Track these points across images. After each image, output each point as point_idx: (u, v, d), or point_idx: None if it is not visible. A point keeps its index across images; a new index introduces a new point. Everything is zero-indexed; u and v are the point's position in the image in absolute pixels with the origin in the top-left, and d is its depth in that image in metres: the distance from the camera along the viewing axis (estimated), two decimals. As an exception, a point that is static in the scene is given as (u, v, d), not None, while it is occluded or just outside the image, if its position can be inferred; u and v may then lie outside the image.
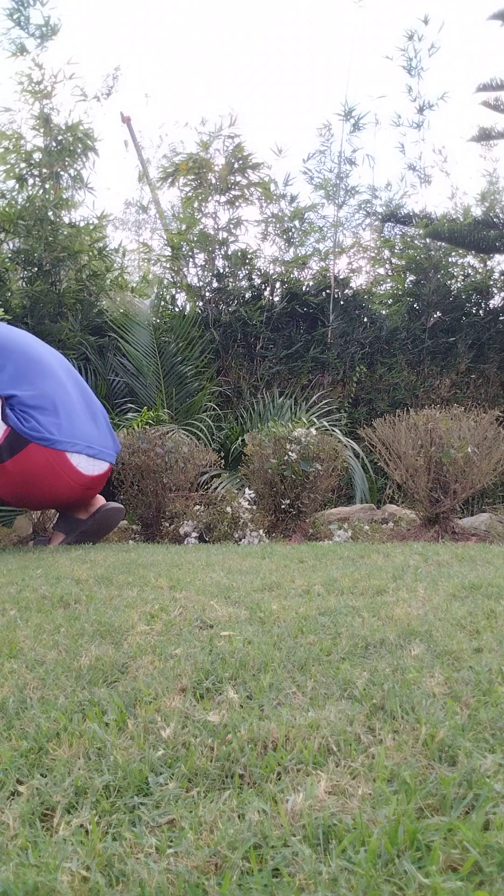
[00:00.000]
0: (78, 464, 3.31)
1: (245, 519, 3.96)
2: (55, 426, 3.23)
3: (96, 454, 3.40)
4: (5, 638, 1.44)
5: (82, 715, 1.01)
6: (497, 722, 0.95)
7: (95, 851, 0.68)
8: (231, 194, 6.86)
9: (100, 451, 3.44)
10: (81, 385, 3.63)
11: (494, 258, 7.13)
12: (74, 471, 3.30)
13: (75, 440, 3.30)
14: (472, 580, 1.97)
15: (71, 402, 3.40)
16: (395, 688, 1.07)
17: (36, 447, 3.16)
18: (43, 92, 6.42)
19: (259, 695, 1.07)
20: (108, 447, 3.54)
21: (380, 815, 0.72)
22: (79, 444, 3.30)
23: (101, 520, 3.60)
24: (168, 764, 0.86)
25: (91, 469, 3.38)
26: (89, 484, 3.41)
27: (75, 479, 3.32)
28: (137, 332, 6.28)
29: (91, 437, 3.41)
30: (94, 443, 3.41)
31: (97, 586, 2.02)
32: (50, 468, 3.22)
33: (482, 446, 3.69)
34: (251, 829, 0.71)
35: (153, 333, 6.33)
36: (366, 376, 6.89)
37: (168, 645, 1.35)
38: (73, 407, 3.40)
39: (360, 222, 7.68)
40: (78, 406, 3.44)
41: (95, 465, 3.40)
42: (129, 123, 9.11)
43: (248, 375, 6.75)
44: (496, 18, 6.10)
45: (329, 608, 1.64)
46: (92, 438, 3.42)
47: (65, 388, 3.42)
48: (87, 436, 3.38)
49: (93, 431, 3.45)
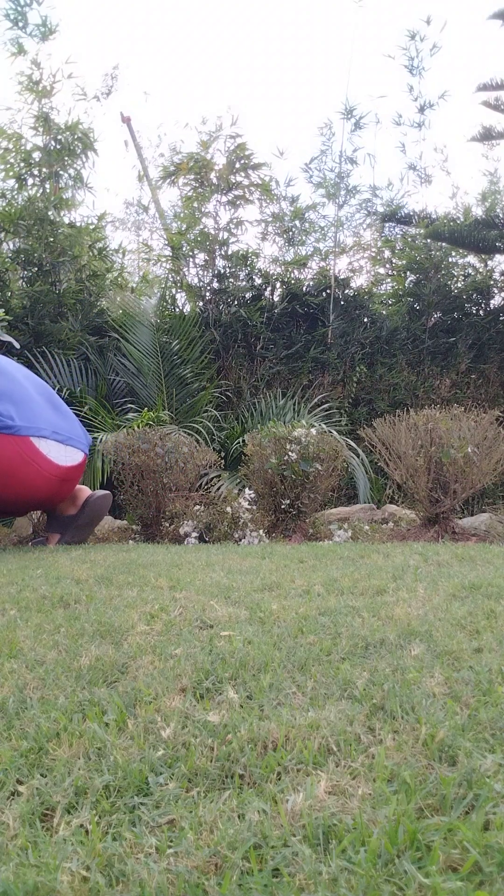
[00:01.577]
0: (48, 452, 3.25)
1: (245, 519, 3.96)
2: (15, 414, 3.17)
3: (65, 440, 3.34)
4: (5, 638, 1.44)
5: (82, 715, 1.01)
6: (497, 722, 0.95)
7: (95, 851, 0.68)
8: (232, 194, 6.86)
9: (68, 438, 3.37)
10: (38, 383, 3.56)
11: (495, 258, 7.13)
12: (46, 459, 3.23)
13: (38, 425, 3.23)
14: (472, 580, 1.97)
15: (28, 394, 3.34)
16: (395, 688, 1.07)
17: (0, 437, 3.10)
18: (42, 91, 6.42)
19: (259, 695, 1.07)
20: (79, 436, 3.48)
21: (380, 815, 0.72)
22: (43, 429, 3.24)
23: (92, 510, 3.58)
24: (168, 764, 0.86)
25: (64, 459, 3.32)
26: (65, 475, 3.35)
27: (49, 469, 3.25)
28: (140, 332, 6.28)
29: (55, 423, 3.35)
30: (60, 429, 3.34)
31: (97, 586, 2.02)
32: (19, 457, 3.15)
33: (482, 446, 3.69)
34: (251, 829, 0.71)
35: (154, 333, 6.34)
36: (366, 376, 6.89)
37: (168, 645, 1.35)
38: (32, 398, 3.34)
39: (361, 222, 7.68)
40: (37, 398, 3.39)
41: (68, 453, 3.34)
42: (129, 123, 9.11)
43: (248, 376, 6.75)
44: (496, 18, 6.10)
45: (329, 608, 1.64)
46: (57, 425, 3.35)
47: (20, 383, 3.37)
48: (50, 422, 3.32)
49: (57, 419, 3.39)
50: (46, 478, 3.27)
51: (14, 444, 3.14)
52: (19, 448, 3.15)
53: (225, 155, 6.82)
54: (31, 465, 3.19)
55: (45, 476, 3.26)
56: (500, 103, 6.20)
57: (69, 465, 3.36)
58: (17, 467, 3.17)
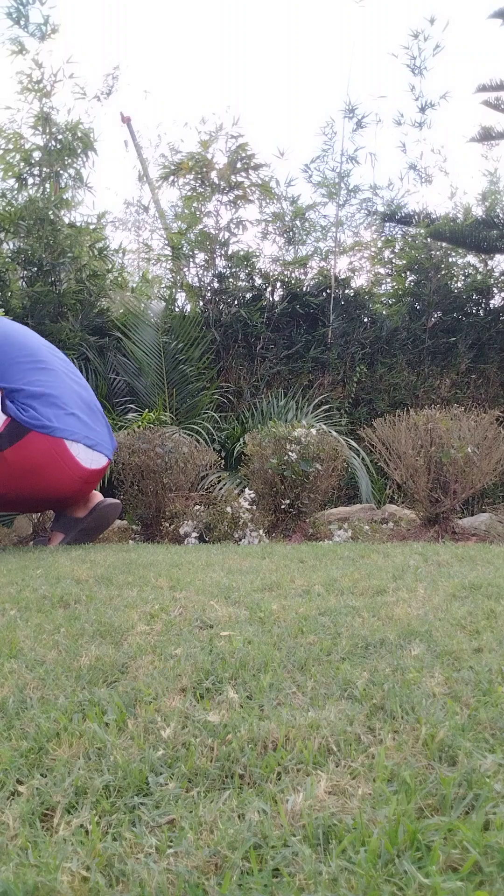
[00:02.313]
0: (77, 454, 3.35)
1: (245, 519, 3.96)
2: (54, 416, 3.30)
3: (94, 445, 3.45)
4: (5, 638, 1.44)
5: (82, 715, 1.01)
6: (497, 722, 0.95)
7: (95, 851, 0.68)
8: (233, 194, 6.86)
9: (97, 444, 3.48)
10: (80, 381, 3.69)
11: (495, 258, 7.13)
12: (74, 461, 3.34)
13: (74, 429, 3.36)
14: (472, 580, 1.97)
15: (69, 394, 3.46)
16: (395, 688, 1.07)
17: (36, 435, 3.22)
18: (43, 91, 6.42)
19: (259, 695, 1.07)
20: (106, 442, 3.59)
21: (380, 815, 0.72)
22: (77, 433, 3.36)
23: (100, 516, 3.61)
24: (168, 764, 0.86)
25: (90, 462, 3.42)
26: (88, 478, 3.45)
27: (76, 470, 3.36)
28: (143, 332, 6.28)
29: (88, 428, 3.47)
30: (91, 434, 3.46)
31: (97, 586, 2.02)
32: (50, 457, 3.27)
33: (482, 446, 3.69)
34: (251, 829, 0.71)
35: (157, 333, 6.34)
36: (366, 376, 6.89)
37: (168, 645, 1.35)
38: (73, 400, 3.46)
39: (362, 221, 7.68)
40: (77, 401, 3.50)
41: (94, 458, 3.44)
42: (129, 123, 9.11)
43: (248, 376, 6.75)
44: (496, 17, 6.10)
45: (329, 608, 1.64)
46: (89, 429, 3.47)
47: (63, 381, 3.48)
48: (84, 426, 3.44)
49: (90, 423, 3.51)
50: (71, 478, 3.37)
51: (49, 444, 3.26)
52: (53, 448, 3.27)
53: (226, 155, 6.82)
54: (60, 466, 3.31)
55: (70, 477, 3.36)
56: (501, 103, 6.20)
57: (93, 469, 3.45)
58: (48, 466, 3.29)
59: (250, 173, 6.83)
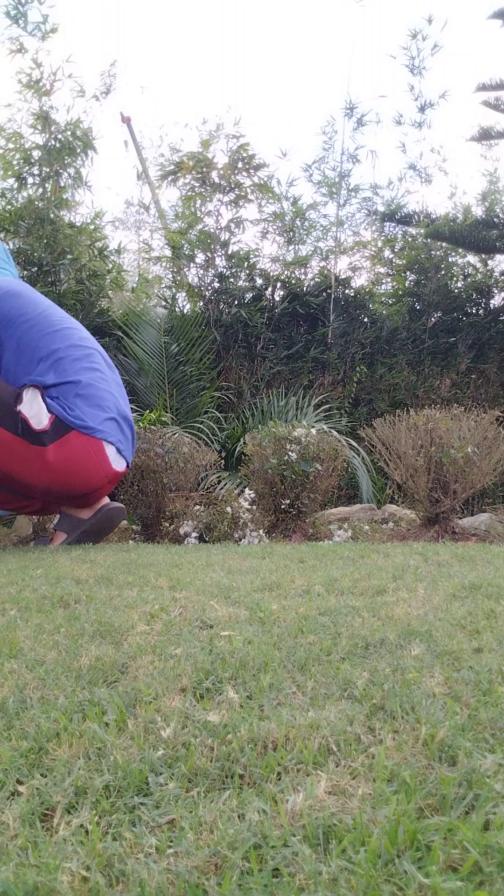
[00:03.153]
0: (109, 454, 3.45)
1: (245, 519, 3.96)
2: (96, 416, 3.39)
3: (122, 450, 3.53)
4: (5, 638, 1.44)
5: (82, 715, 1.01)
6: (497, 722, 0.95)
7: (95, 851, 0.68)
8: (234, 194, 6.86)
9: (125, 448, 3.57)
10: (118, 380, 3.77)
11: (495, 258, 7.13)
12: (107, 462, 3.43)
13: (112, 432, 3.45)
14: (472, 580, 1.97)
15: (110, 394, 3.54)
16: (395, 688, 1.07)
17: (77, 435, 3.31)
18: (42, 90, 6.42)
19: (259, 695, 1.07)
20: (128, 447, 3.67)
21: (380, 815, 0.72)
22: (112, 435, 3.45)
23: (104, 519, 3.61)
24: (168, 764, 0.86)
25: (117, 464, 3.51)
26: (112, 478, 3.53)
27: (106, 471, 3.45)
28: (144, 332, 6.28)
29: (122, 432, 3.56)
30: (120, 440, 3.54)
31: (97, 586, 2.02)
32: (88, 456, 3.36)
33: (482, 446, 3.69)
34: (251, 829, 0.71)
35: (159, 334, 6.34)
36: (366, 376, 6.89)
37: (168, 645, 1.35)
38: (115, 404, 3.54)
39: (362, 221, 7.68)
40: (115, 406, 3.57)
41: (119, 461, 3.53)
42: (129, 123, 9.12)
43: (248, 376, 6.75)
44: (496, 17, 6.10)
45: (329, 608, 1.64)
46: (122, 434, 3.56)
47: (107, 381, 3.57)
48: (117, 430, 3.53)
49: (123, 428, 3.59)
50: (102, 478, 3.46)
51: (90, 444, 3.36)
52: (91, 447, 3.37)
53: (227, 154, 6.82)
54: (95, 466, 3.40)
55: (101, 477, 3.45)
56: (501, 103, 6.20)
57: (118, 471, 3.54)
58: (87, 466, 3.38)
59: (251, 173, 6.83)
